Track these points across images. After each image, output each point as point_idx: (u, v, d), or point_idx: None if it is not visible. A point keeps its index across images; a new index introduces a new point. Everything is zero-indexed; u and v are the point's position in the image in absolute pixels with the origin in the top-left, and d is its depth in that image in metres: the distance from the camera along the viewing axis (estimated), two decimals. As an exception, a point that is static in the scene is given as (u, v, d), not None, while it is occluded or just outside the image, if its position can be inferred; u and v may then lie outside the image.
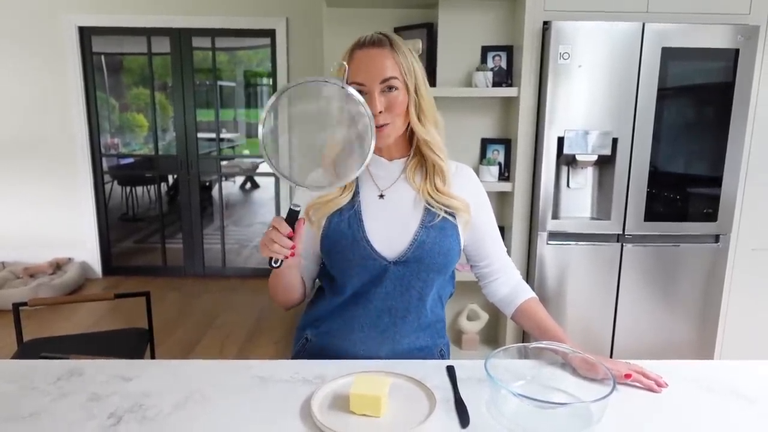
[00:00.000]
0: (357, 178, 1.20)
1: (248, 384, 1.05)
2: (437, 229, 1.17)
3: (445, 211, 1.18)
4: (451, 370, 1.10)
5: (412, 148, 1.21)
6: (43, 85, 4.10)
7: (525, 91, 2.48)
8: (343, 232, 1.17)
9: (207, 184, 4.71)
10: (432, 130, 1.17)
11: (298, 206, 1.01)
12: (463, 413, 0.95)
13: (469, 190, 1.24)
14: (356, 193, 1.21)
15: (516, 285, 1.31)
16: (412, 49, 1.15)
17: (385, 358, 1.18)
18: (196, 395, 1.01)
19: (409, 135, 1.20)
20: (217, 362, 1.14)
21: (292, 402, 0.99)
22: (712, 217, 2.49)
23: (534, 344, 1.08)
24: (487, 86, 2.56)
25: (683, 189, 2.51)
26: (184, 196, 4.51)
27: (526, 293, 1.29)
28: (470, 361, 1.14)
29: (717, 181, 2.47)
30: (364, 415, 0.92)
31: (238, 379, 1.07)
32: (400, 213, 1.19)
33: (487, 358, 0.99)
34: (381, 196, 1.20)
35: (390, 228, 1.18)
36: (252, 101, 4.78)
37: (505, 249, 1.34)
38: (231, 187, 5.21)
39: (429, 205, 1.18)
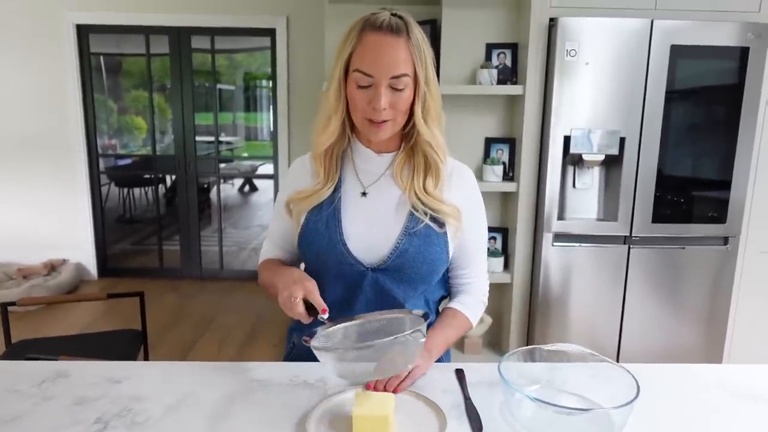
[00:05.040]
0: (341, 171, 1.13)
1: (245, 387, 0.99)
2: (421, 237, 1.08)
3: (432, 217, 1.08)
4: (460, 374, 1.04)
5: (403, 142, 1.12)
6: (40, 83, 4.03)
7: (530, 88, 2.43)
8: (320, 233, 1.09)
9: (205, 186, 4.64)
10: (435, 131, 1.08)
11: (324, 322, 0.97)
12: (474, 419, 0.89)
13: (461, 192, 1.14)
14: (338, 188, 1.12)
15: (467, 303, 1.21)
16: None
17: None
18: (190, 399, 0.94)
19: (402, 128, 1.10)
20: (213, 364, 1.08)
21: (293, 407, 0.92)
22: (721, 219, 2.43)
23: (548, 347, 1.01)
24: (492, 84, 2.51)
25: (692, 190, 2.45)
26: (182, 197, 4.44)
27: (465, 308, 1.20)
28: (480, 363, 1.08)
29: (726, 183, 2.41)
30: None
31: (235, 382, 1.01)
32: (383, 215, 1.10)
33: (500, 360, 0.93)
34: (364, 193, 1.12)
35: (370, 231, 1.09)
36: (251, 105, 4.73)
37: (485, 268, 1.24)
38: (229, 189, 5.15)
39: (414, 208, 1.09)
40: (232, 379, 1.01)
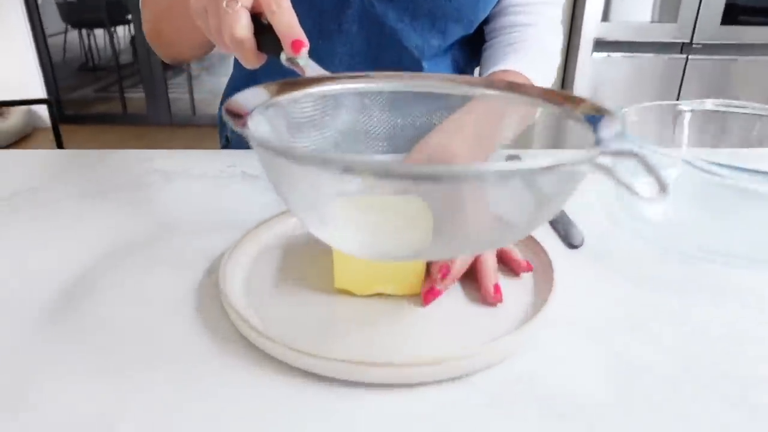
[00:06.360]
0: None
1: (136, 181, 0.55)
2: None
3: None
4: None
5: None
6: None
7: None
8: None
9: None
10: None
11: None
12: (566, 226, 0.47)
13: None
14: None
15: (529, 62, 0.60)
16: None
17: None
18: (31, 193, 0.51)
19: None
20: (94, 152, 0.64)
21: (216, 207, 0.50)
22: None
23: (697, 105, 0.57)
24: None
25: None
26: (140, 33, 3.81)
27: (527, 69, 0.59)
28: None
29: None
30: (378, 294, 0.38)
31: (121, 174, 0.57)
32: None
33: (620, 109, 0.49)
34: None
35: None
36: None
37: (560, 10, 0.67)
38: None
39: None
40: (117, 170, 0.58)
